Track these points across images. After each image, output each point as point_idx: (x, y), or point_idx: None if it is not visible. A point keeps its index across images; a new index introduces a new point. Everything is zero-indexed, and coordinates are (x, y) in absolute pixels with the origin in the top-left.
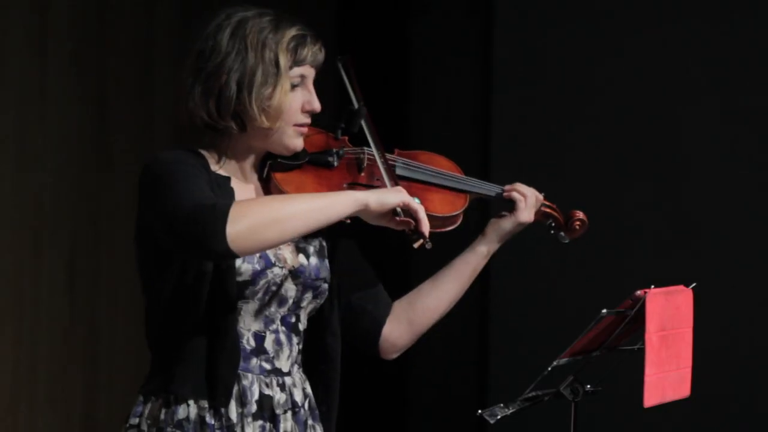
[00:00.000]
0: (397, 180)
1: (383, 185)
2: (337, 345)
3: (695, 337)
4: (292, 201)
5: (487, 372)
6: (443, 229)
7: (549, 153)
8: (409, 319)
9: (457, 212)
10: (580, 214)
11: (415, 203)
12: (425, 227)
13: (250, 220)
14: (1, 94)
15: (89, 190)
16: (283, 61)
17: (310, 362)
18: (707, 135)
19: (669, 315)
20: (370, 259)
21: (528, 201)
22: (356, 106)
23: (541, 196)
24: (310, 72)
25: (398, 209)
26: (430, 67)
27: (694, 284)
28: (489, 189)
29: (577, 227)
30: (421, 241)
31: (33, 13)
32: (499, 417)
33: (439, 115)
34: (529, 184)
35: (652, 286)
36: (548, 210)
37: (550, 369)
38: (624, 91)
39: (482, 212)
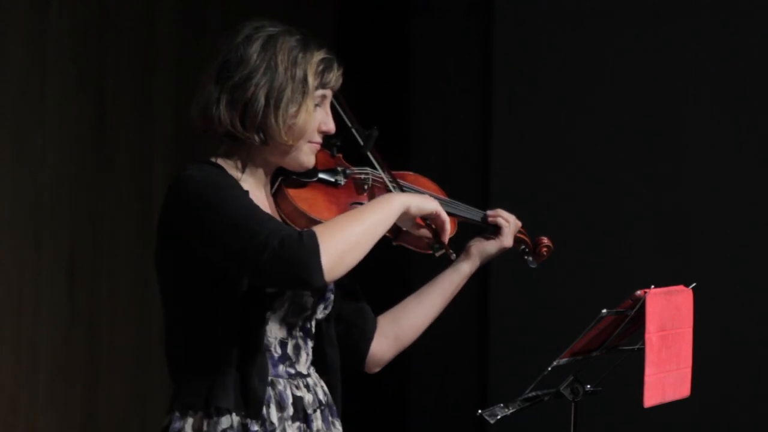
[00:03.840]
0: None
1: None
2: (336, 355)
3: (695, 337)
4: (358, 220)
5: (487, 372)
6: (429, 252)
7: (549, 152)
8: (395, 334)
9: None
10: (546, 240)
11: (445, 213)
12: (447, 237)
13: (338, 248)
14: (1, 94)
15: (89, 190)
16: (312, 81)
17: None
18: (707, 135)
19: (669, 315)
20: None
21: (511, 227)
22: (356, 128)
23: (519, 223)
24: (329, 94)
25: (432, 216)
26: (430, 67)
27: (694, 284)
28: (474, 213)
29: (545, 252)
30: (444, 251)
31: (33, 13)
32: (499, 417)
33: (439, 115)
34: (529, 183)
35: (652, 286)
36: (522, 236)
37: (550, 369)
38: (624, 91)
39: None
